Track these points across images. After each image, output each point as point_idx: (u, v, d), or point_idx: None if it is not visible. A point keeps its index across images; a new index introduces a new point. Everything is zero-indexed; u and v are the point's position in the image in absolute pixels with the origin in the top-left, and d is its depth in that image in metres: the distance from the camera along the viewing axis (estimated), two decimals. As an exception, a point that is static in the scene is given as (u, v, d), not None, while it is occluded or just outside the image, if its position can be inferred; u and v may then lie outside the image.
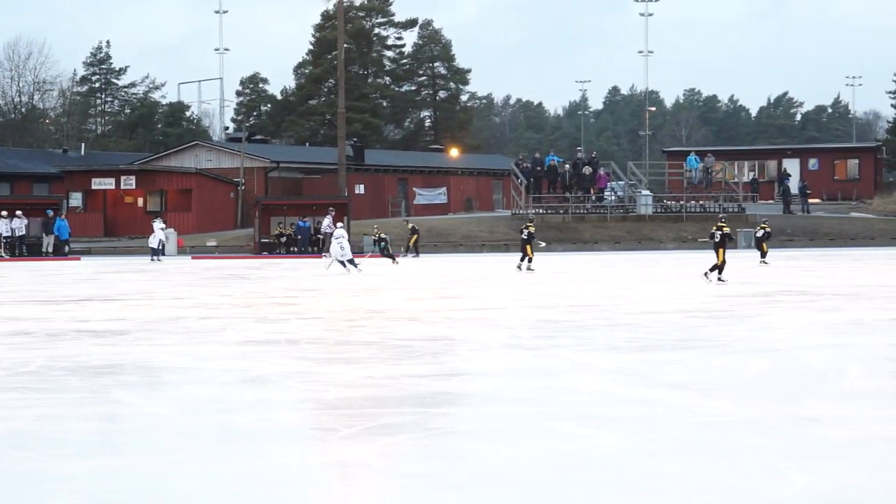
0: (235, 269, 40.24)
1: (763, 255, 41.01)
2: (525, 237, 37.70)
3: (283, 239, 53.20)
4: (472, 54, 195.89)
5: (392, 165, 74.48)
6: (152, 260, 46.55)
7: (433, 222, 59.09)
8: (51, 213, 52.72)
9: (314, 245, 52.59)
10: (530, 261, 37.04)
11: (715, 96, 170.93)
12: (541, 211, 58.07)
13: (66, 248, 52.49)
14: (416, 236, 50.61)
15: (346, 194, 59.56)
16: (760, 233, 42.30)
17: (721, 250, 29.89)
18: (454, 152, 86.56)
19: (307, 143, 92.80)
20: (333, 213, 51.10)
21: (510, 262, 42.58)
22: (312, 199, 58.93)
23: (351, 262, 35.66)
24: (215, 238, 57.21)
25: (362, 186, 68.62)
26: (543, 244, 42.87)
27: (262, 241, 53.59)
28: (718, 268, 29.69)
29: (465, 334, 17.44)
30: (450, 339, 16.94)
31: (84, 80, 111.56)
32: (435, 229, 56.53)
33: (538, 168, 58.79)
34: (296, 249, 52.04)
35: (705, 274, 29.96)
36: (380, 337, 17.24)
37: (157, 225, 50.85)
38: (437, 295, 26.17)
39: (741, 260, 41.76)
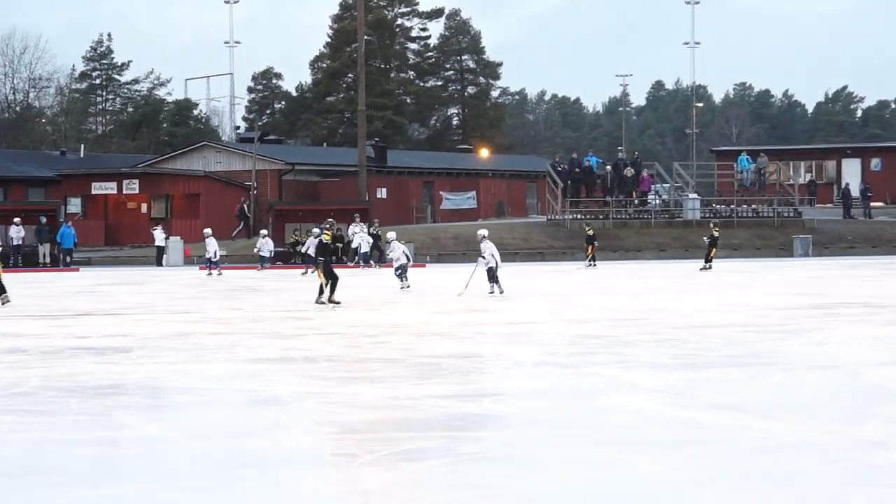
0: (247, 281, 40.30)
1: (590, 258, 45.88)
2: None
3: (300, 247, 53.25)
4: (504, 46, 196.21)
5: (417, 167, 74.54)
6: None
7: (461, 229, 59.07)
8: (44, 219, 52.99)
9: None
10: None
11: (768, 91, 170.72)
12: (578, 216, 58.00)
13: (69, 259, 52.72)
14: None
15: (368, 199, 59.63)
16: (591, 231, 46.93)
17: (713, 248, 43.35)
18: (484, 153, 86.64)
19: (324, 144, 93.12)
20: (358, 218, 51.19)
21: (545, 273, 42.51)
22: (330, 205, 58.99)
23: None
24: (225, 246, 57.32)
25: (384, 190, 68.71)
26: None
27: (277, 249, 53.65)
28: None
29: (497, 351, 17.40)
30: (480, 356, 16.91)
31: (83, 76, 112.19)
32: (462, 236, 56.48)
33: (576, 170, 58.75)
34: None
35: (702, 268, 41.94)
36: (404, 354, 17.22)
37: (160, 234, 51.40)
38: (466, 308, 26.13)
39: (798, 269, 41.60)
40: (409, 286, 32.94)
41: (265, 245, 49.43)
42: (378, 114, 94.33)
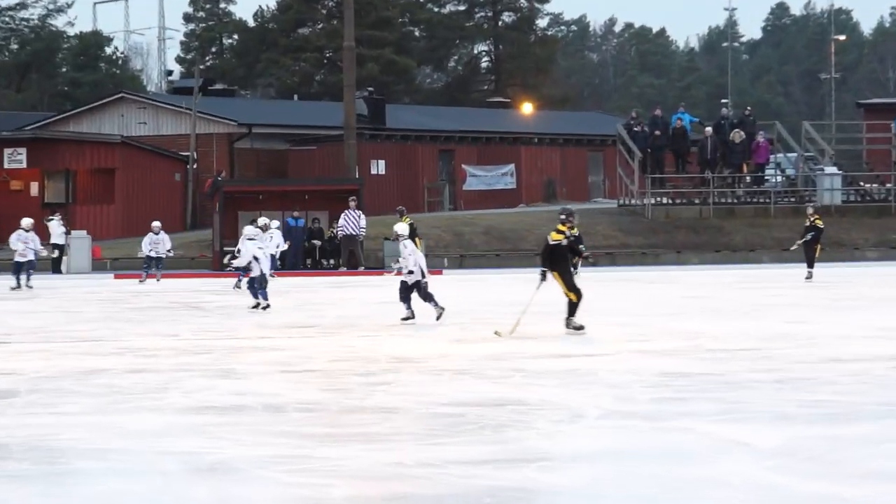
0: (184, 294, 40.34)
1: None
2: None
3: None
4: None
5: (429, 130, 74.49)
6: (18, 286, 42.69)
7: (494, 219, 59.06)
8: None
9: (309, 255, 52.66)
10: None
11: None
12: (665, 201, 57.91)
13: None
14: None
15: (358, 175, 59.56)
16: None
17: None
18: (527, 109, 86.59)
19: (295, 96, 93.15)
20: (354, 203, 51.06)
21: (616, 282, 42.53)
22: (304, 184, 58.94)
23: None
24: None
25: (382, 163, 68.68)
26: None
27: (227, 248, 53.69)
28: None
29: (545, 396, 17.42)
30: (521, 403, 16.92)
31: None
32: (497, 230, 56.53)
33: (659, 133, 58.68)
34: (280, 263, 52.06)
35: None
36: (412, 401, 17.24)
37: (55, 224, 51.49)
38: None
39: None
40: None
41: (162, 241, 47.67)
42: (373, 53, 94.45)
